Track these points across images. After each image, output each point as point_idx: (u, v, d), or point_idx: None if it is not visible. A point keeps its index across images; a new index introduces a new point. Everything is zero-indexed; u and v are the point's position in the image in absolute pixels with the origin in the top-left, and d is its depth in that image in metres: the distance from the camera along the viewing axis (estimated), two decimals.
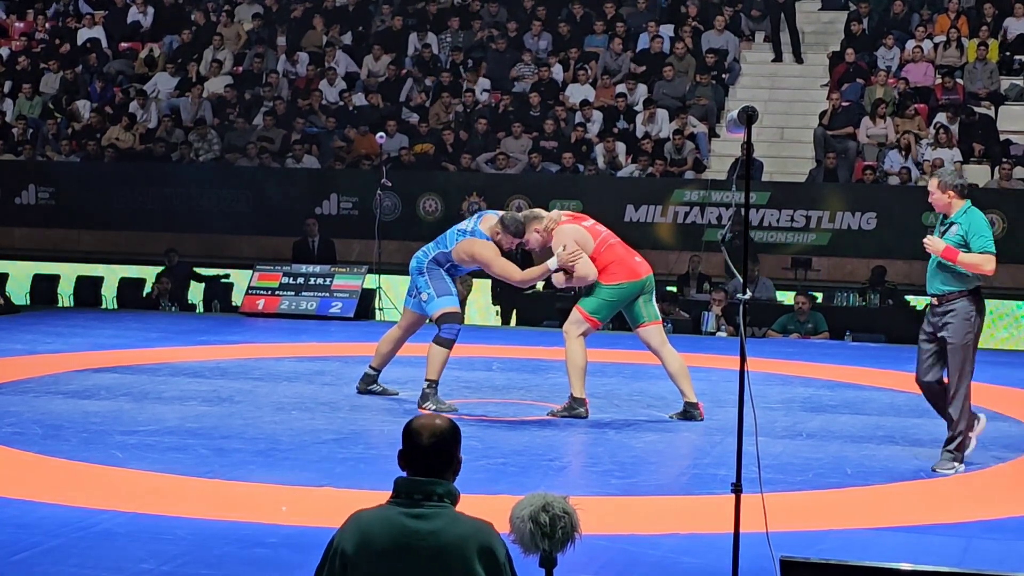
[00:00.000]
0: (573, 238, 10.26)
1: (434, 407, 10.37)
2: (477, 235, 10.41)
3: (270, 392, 11.23)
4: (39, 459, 8.56)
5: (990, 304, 18.32)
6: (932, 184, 8.88)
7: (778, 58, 21.68)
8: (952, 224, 8.78)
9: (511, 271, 10.54)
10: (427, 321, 10.80)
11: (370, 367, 11.07)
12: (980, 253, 8.66)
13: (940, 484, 8.62)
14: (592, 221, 10.63)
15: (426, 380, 10.48)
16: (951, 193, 8.76)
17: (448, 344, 10.45)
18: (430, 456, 3.98)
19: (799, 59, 21.66)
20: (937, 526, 7.54)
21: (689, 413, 10.43)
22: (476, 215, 10.77)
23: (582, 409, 10.30)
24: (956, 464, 8.80)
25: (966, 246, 8.70)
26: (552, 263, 10.32)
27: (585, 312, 10.27)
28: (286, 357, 13.36)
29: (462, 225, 10.69)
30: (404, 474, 4.02)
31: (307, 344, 14.28)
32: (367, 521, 3.92)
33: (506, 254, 10.72)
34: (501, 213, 10.66)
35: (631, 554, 6.81)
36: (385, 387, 11.08)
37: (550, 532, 4.25)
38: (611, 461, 8.95)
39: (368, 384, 11.04)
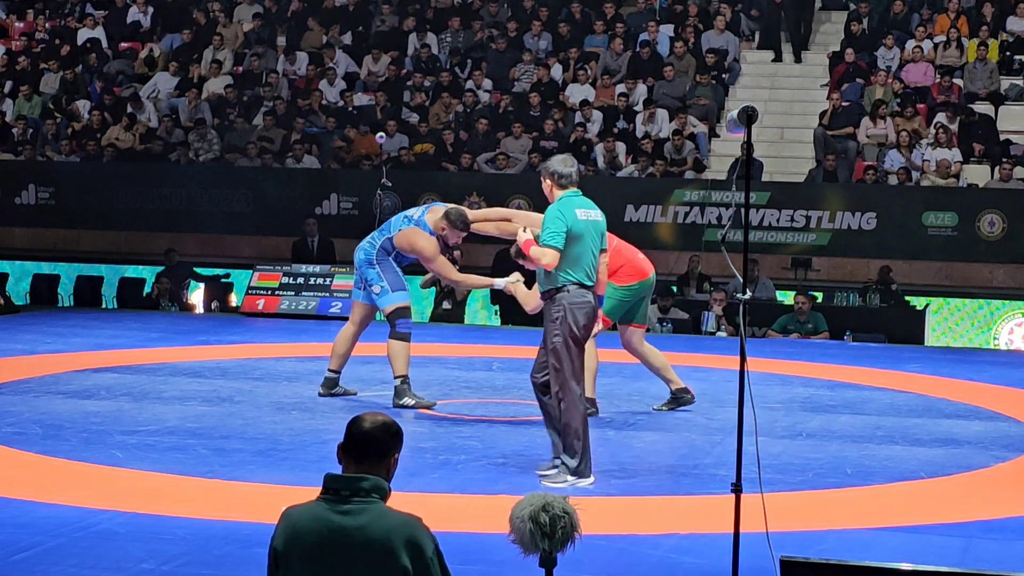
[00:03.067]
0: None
1: (412, 402, 10.37)
2: (422, 226, 10.40)
3: (270, 392, 11.23)
4: (39, 459, 8.56)
5: (991, 304, 18.51)
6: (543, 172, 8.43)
7: (778, 58, 21.69)
8: None
9: (448, 271, 10.58)
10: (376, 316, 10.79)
11: (329, 370, 10.93)
12: (542, 246, 8.04)
13: (940, 484, 8.62)
14: None
15: (396, 378, 10.47)
16: (549, 181, 8.27)
17: (406, 338, 10.43)
18: (367, 443, 3.99)
19: (798, 58, 21.66)
20: (937, 526, 7.54)
21: (681, 398, 10.57)
22: (425, 205, 10.72)
23: (592, 408, 10.33)
24: (580, 480, 8.04)
25: None
26: (499, 283, 10.45)
27: (600, 313, 10.30)
28: (286, 357, 13.36)
29: (409, 212, 10.64)
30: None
31: (307, 344, 14.27)
32: (296, 518, 3.96)
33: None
34: (448, 206, 10.59)
35: (631, 554, 6.81)
36: (345, 388, 11.01)
37: (550, 532, 4.25)
38: (611, 461, 8.95)
39: (331, 388, 10.91)
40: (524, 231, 8.40)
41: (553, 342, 8.08)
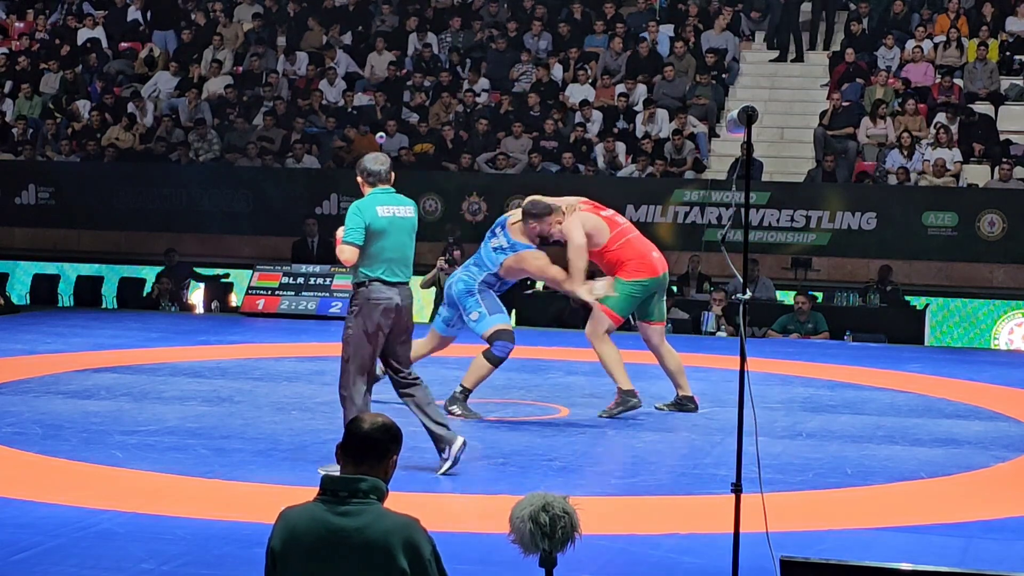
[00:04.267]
0: (584, 224, 10.25)
1: (460, 412, 10.28)
2: (518, 248, 10.27)
3: (270, 392, 11.23)
4: (39, 459, 8.56)
5: (991, 304, 18.50)
6: None
7: (782, 57, 21.68)
8: None
9: (558, 276, 10.26)
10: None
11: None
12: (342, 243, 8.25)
13: (940, 484, 8.62)
14: (611, 212, 10.64)
15: (461, 386, 10.38)
16: (360, 179, 8.42)
17: (496, 362, 10.32)
18: (366, 444, 3.98)
19: (800, 57, 21.67)
20: (937, 526, 7.54)
21: (684, 405, 10.58)
22: (499, 229, 10.47)
23: (635, 399, 10.29)
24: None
25: None
26: (584, 293, 10.14)
27: (609, 310, 10.30)
28: (286, 357, 13.36)
29: (494, 244, 10.41)
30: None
31: (307, 344, 14.27)
32: (294, 519, 3.95)
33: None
34: (516, 212, 10.48)
35: (631, 554, 6.81)
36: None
37: (550, 532, 4.25)
38: (611, 461, 8.96)
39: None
40: (341, 230, 8.46)
41: (346, 333, 8.26)
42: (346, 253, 8.24)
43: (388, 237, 8.24)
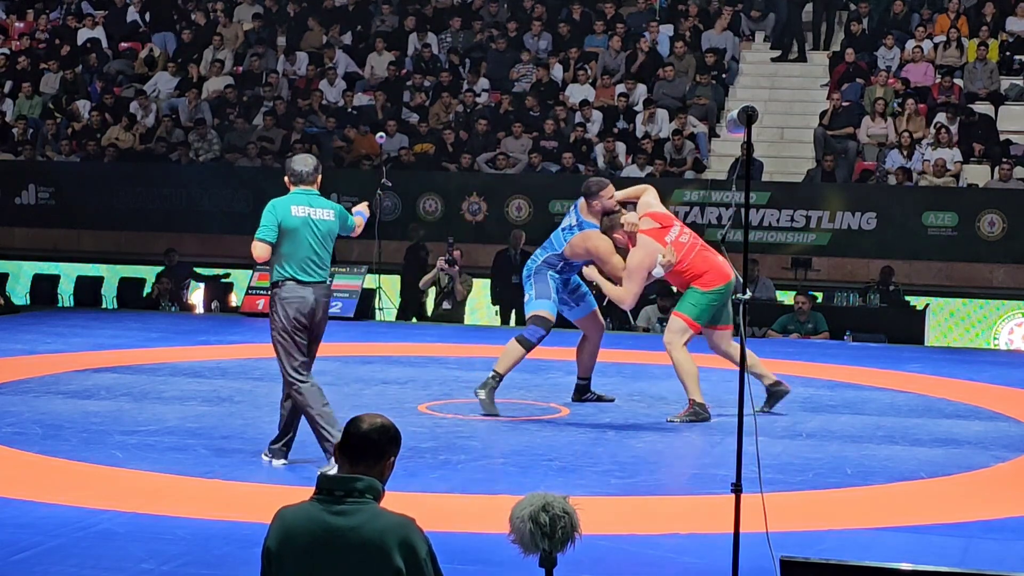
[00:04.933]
0: (649, 258, 10.19)
1: (483, 396, 10.29)
2: (586, 227, 10.29)
3: (270, 392, 11.21)
4: (39, 459, 8.56)
5: (991, 304, 18.50)
6: None
7: (782, 57, 21.67)
8: None
9: (616, 267, 10.22)
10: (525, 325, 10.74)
11: (577, 377, 11.04)
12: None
13: (940, 484, 8.62)
14: (678, 229, 10.52)
15: (493, 370, 10.41)
16: (286, 178, 8.56)
17: (527, 345, 10.35)
18: (364, 445, 3.99)
19: (803, 57, 21.67)
20: (937, 526, 7.54)
21: (777, 392, 10.63)
22: (572, 208, 10.54)
23: (705, 413, 10.27)
24: (273, 460, 8.50)
25: None
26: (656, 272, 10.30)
27: (689, 319, 10.29)
28: None
29: (564, 224, 10.48)
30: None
31: None
32: (290, 518, 3.96)
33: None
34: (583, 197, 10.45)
35: (631, 554, 6.81)
36: (600, 394, 11.05)
37: (550, 532, 4.24)
38: (611, 461, 8.95)
39: (581, 394, 11.01)
40: None
41: (272, 337, 8.48)
42: (257, 250, 8.45)
43: (301, 237, 8.42)
